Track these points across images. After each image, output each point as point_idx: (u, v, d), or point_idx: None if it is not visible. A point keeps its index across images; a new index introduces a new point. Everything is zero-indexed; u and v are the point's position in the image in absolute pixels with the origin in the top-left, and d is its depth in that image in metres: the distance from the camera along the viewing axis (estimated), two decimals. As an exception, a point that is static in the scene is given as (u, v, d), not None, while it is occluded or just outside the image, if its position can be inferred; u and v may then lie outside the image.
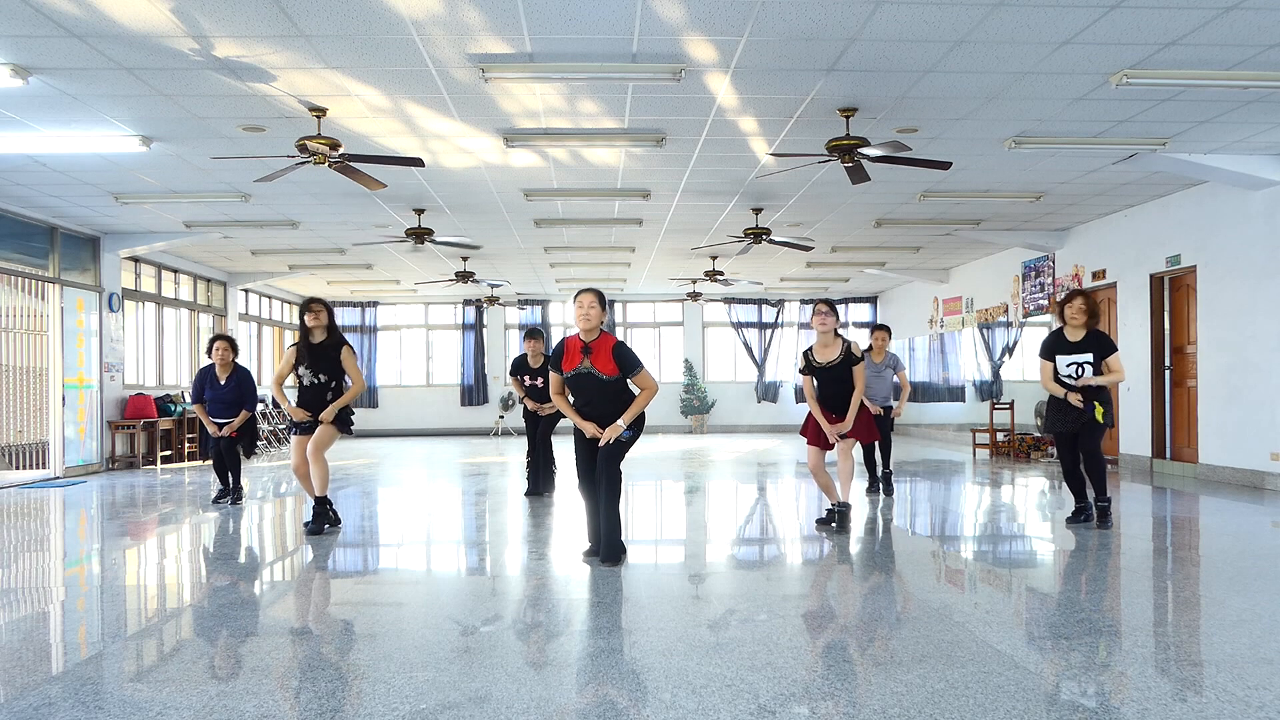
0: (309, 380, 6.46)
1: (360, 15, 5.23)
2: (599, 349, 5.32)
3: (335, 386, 6.51)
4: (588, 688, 3.16)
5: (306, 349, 6.46)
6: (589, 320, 5.31)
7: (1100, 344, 6.35)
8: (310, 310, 6.46)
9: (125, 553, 6.16)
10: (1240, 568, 5.14)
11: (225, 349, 8.28)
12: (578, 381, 5.36)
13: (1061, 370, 6.42)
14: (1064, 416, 6.46)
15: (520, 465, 11.76)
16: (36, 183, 9.18)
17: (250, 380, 8.43)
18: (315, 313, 6.45)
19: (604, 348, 5.32)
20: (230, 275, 15.88)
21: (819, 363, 6.46)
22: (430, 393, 20.09)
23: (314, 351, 6.46)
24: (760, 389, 20.12)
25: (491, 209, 10.65)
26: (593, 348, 5.33)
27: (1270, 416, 8.80)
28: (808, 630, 3.93)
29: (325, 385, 6.46)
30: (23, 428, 11.24)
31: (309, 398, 6.49)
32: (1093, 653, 3.54)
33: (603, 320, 5.39)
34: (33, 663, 3.60)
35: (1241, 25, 5.43)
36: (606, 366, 5.30)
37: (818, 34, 5.56)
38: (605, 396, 5.34)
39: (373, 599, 4.75)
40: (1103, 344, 6.36)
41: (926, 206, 10.81)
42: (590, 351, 5.32)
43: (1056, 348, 6.48)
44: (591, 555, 5.55)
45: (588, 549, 5.62)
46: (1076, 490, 6.67)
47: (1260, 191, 8.84)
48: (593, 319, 5.31)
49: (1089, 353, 6.32)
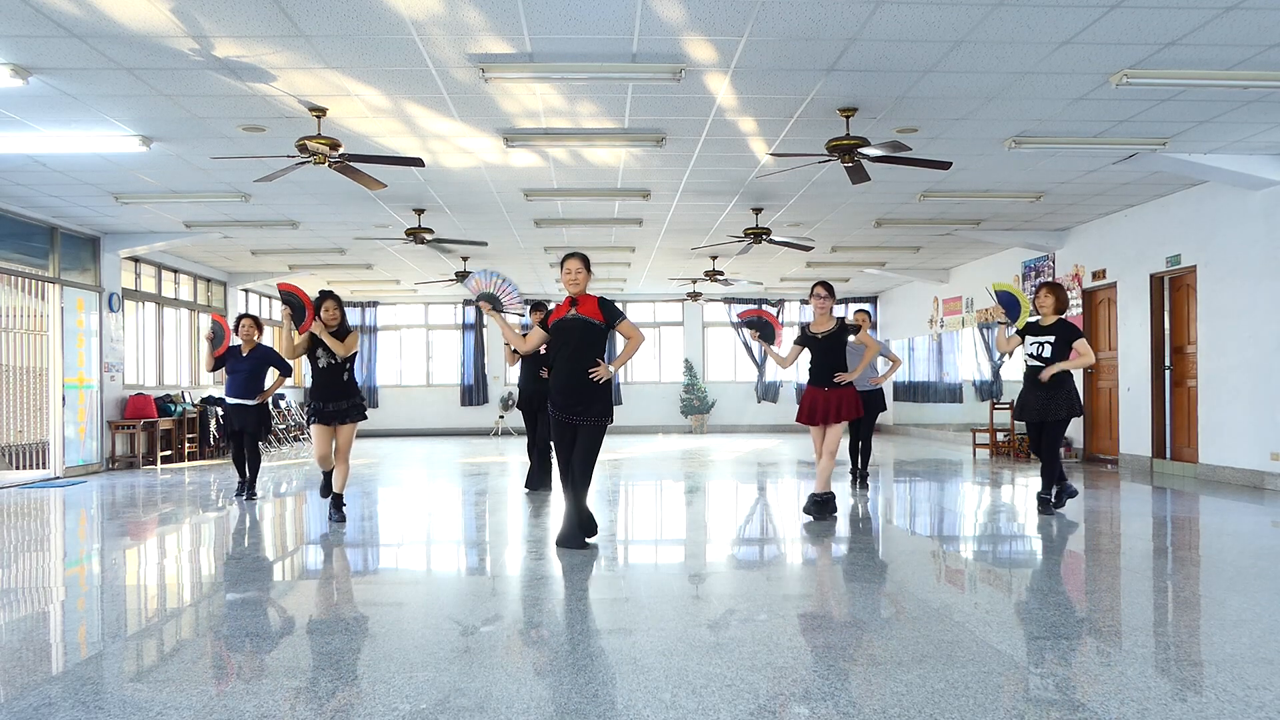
0: (325, 362, 6.86)
1: (360, 15, 5.23)
2: (585, 301, 5.77)
3: (350, 367, 6.97)
4: (588, 688, 3.16)
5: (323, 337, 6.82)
6: (576, 284, 5.76)
7: (1064, 330, 6.96)
8: (325, 308, 6.87)
9: (125, 553, 6.16)
10: (1240, 568, 5.14)
11: (250, 326, 8.61)
12: (563, 330, 5.75)
13: (1027, 347, 7.11)
14: (1029, 406, 7.00)
15: (521, 465, 11.76)
16: (36, 183, 9.18)
17: (273, 353, 8.72)
18: (330, 310, 6.89)
19: (589, 300, 5.77)
20: (230, 275, 15.88)
21: (814, 333, 6.87)
22: (430, 393, 20.09)
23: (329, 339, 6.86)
24: (760, 389, 20.12)
25: (491, 209, 10.65)
26: (579, 300, 5.77)
27: (1270, 416, 8.79)
28: (808, 630, 3.92)
29: (341, 365, 6.90)
30: (23, 428, 11.24)
31: (326, 378, 6.88)
32: (1093, 653, 3.55)
33: (588, 282, 5.82)
34: (33, 663, 3.60)
35: (1241, 25, 5.43)
36: (593, 315, 5.72)
37: (818, 34, 5.56)
38: (587, 342, 5.71)
39: (373, 599, 4.75)
40: (1067, 330, 6.97)
41: (926, 206, 10.81)
42: (577, 303, 5.76)
43: (1029, 329, 7.17)
44: (562, 544, 5.77)
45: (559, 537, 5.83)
46: (1044, 480, 7.19)
47: (1260, 191, 8.84)
48: (580, 282, 5.77)
49: (1052, 335, 6.96)
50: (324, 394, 6.87)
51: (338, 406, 6.88)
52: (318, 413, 6.88)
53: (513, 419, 19.59)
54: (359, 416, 7.00)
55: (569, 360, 5.70)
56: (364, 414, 7.08)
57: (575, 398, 5.67)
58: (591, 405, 5.68)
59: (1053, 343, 6.90)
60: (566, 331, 5.73)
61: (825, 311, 6.84)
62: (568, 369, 5.70)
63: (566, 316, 5.74)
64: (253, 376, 8.48)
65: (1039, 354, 6.96)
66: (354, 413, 6.96)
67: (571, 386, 5.68)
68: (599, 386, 5.68)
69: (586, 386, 5.66)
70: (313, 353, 6.87)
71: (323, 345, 6.83)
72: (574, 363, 5.69)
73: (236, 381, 8.47)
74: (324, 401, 6.86)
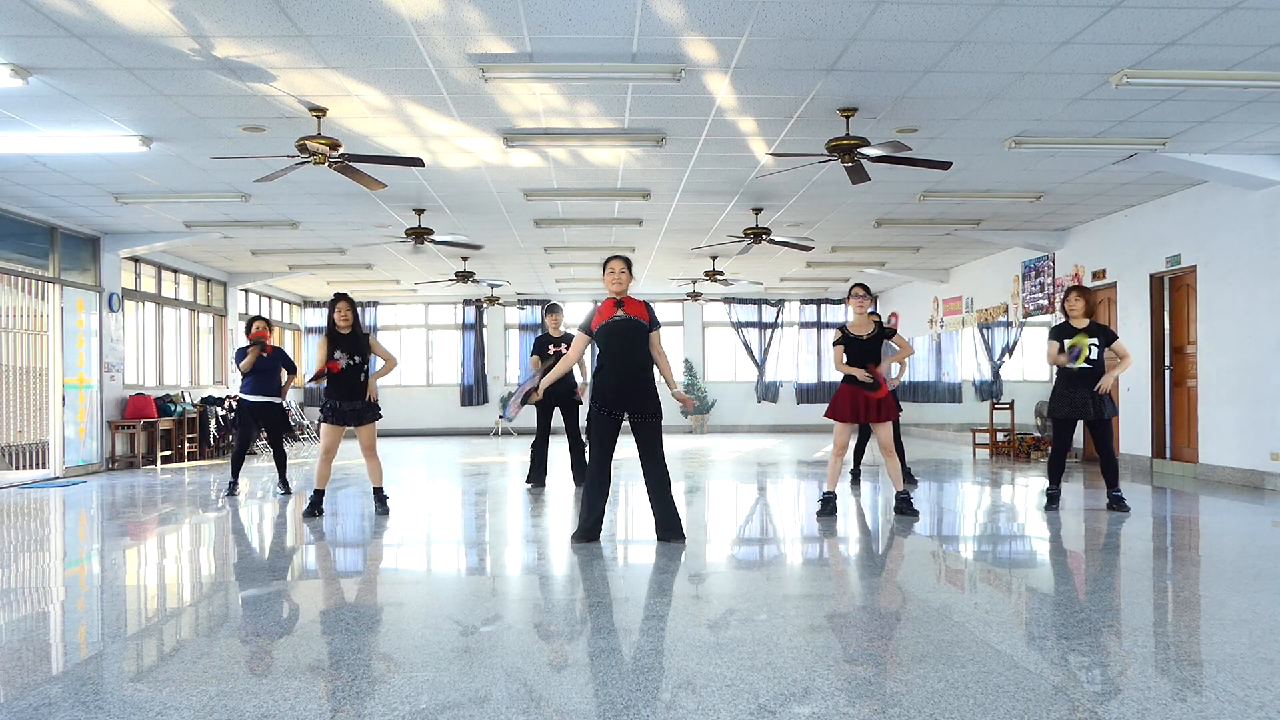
0: (345, 362, 7.05)
1: (360, 15, 5.23)
2: (630, 302, 5.89)
3: (366, 368, 7.21)
4: (587, 687, 3.16)
5: (339, 337, 7.08)
6: (620, 284, 5.87)
7: (1104, 331, 7.04)
8: (338, 310, 7.09)
9: (125, 553, 6.16)
10: (1240, 568, 5.14)
11: (263, 327, 8.87)
12: (613, 331, 5.80)
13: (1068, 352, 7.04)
14: (1071, 402, 7.03)
15: (521, 465, 11.76)
16: (36, 183, 9.18)
17: (286, 355, 9.09)
18: (342, 311, 7.09)
19: (635, 302, 5.92)
20: (230, 275, 15.89)
21: (855, 335, 6.96)
22: (430, 393, 20.09)
23: (346, 339, 7.11)
24: (760, 389, 20.12)
25: (491, 209, 10.65)
26: (625, 302, 5.88)
27: (1270, 416, 8.80)
28: (808, 630, 3.92)
29: (359, 366, 7.12)
30: (23, 428, 11.24)
31: (345, 378, 7.05)
32: (1093, 653, 3.55)
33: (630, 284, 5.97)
34: (33, 663, 3.60)
35: (1241, 25, 5.43)
36: (640, 315, 5.87)
37: (817, 34, 5.56)
38: (638, 342, 5.83)
39: (373, 599, 4.75)
40: (1105, 331, 7.05)
41: (926, 206, 10.81)
42: (623, 304, 5.87)
43: (1064, 332, 7.14)
44: (580, 540, 5.85)
45: (576, 533, 5.93)
46: (1055, 475, 7.29)
47: (1260, 191, 8.84)
48: (624, 282, 5.89)
49: (1096, 337, 6.99)
50: (342, 393, 7.05)
51: (354, 406, 7.07)
52: (334, 411, 7.04)
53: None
54: (376, 416, 7.20)
55: (624, 361, 5.80)
56: (379, 414, 7.26)
57: (632, 396, 5.82)
58: (649, 402, 5.87)
59: (1097, 345, 7.00)
60: (617, 333, 5.83)
61: (863, 312, 6.99)
62: (623, 369, 5.80)
63: (616, 318, 5.84)
64: (274, 376, 8.83)
65: (1088, 356, 7.00)
66: (370, 413, 7.15)
67: (629, 386, 5.81)
68: (653, 385, 5.88)
69: (644, 385, 5.83)
70: (331, 354, 7.03)
71: (341, 346, 7.03)
72: (629, 363, 5.80)
73: (260, 380, 8.76)
74: (341, 400, 7.05)
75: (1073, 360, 7.00)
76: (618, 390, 5.81)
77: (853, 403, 6.89)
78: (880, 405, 6.89)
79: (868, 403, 6.87)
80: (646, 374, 5.86)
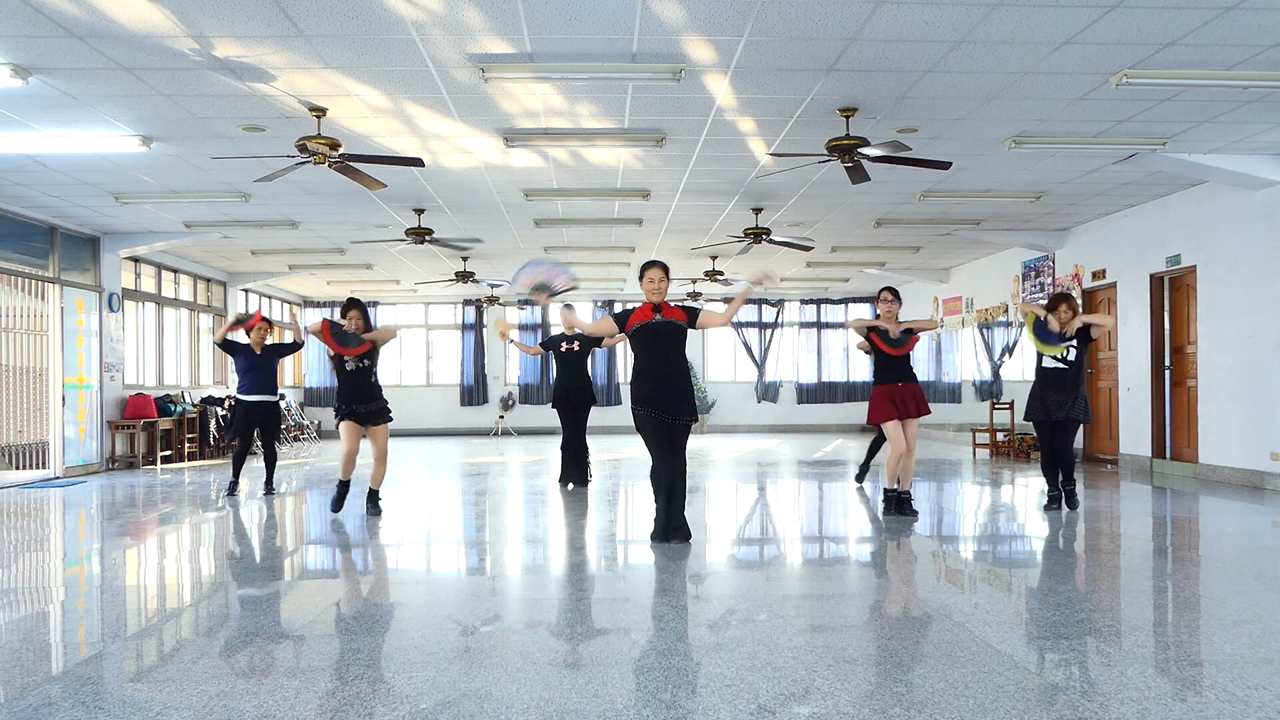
0: (353, 365, 7.10)
1: (360, 15, 5.23)
2: (668, 309, 5.97)
3: (374, 370, 7.23)
4: (587, 687, 3.16)
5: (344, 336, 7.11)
6: (659, 293, 5.95)
7: (1084, 334, 7.11)
8: (349, 317, 7.11)
9: (125, 553, 6.16)
10: (1240, 568, 5.14)
11: (264, 326, 8.91)
12: (652, 335, 5.88)
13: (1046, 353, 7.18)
14: (1044, 403, 7.12)
15: (521, 465, 11.76)
16: (36, 183, 9.18)
17: (284, 346, 9.16)
18: (354, 320, 7.11)
19: (671, 308, 6.00)
20: (230, 275, 15.88)
21: (886, 329, 7.04)
22: (430, 393, 20.08)
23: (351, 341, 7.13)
24: (760, 389, 20.12)
25: (491, 209, 10.65)
26: (663, 307, 5.95)
27: (1270, 416, 8.79)
28: (808, 630, 3.92)
29: (367, 370, 7.15)
30: (23, 428, 11.24)
31: (353, 382, 7.11)
32: (1093, 653, 3.55)
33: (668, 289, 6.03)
34: (33, 663, 3.60)
35: (1241, 25, 5.43)
36: (677, 317, 5.95)
37: (817, 34, 5.56)
38: (676, 347, 5.93)
39: (373, 599, 4.75)
40: (1086, 333, 7.12)
41: (926, 206, 10.81)
42: (661, 310, 5.93)
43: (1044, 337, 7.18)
44: (660, 540, 5.88)
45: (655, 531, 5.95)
46: (1050, 477, 7.33)
47: (1260, 191, 8.84)
48: (663, 291, 5.96)
49: (1074, 339, 7.10)
50: (353, 397, 7.11)
51: (368, 408, 7.12)
52: (349, 413, 7.08)
53: (513, 419, 19.59)
54: (387, 418, 7.24)
55: (665, 363, 5.89)
56: (391, 415, 7.29)
57: (676, 399, 5.89)
58: (687, 406, 5.95)
59: (1076, 346, 7.08)
60: (656, 336, 5.89)
61: (893, 316, 7.04)
62: (664, 372, 5.87)
63: (654, 321, 5.90)
64: (271, 374, 8.84)
65: (1065, 357, 7.10)
66: (382, 415, 7.19)
67: (672, 389, 5.87)
68: (690, 389, 5.98)
69: (682, 389, 5.91)
70: (338, 357, 7.08)
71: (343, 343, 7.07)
72: (670, 366, 5.89)
73: (257, 379, 8.78)
74: (353, 404, 7.09)
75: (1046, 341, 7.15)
76: (664, 393, 5.87)
77: (891, 400, 6.95)
78: (917, 400, 6.98)
79: (904, 398, 6.94)
80: (685, 379, 5.94)
